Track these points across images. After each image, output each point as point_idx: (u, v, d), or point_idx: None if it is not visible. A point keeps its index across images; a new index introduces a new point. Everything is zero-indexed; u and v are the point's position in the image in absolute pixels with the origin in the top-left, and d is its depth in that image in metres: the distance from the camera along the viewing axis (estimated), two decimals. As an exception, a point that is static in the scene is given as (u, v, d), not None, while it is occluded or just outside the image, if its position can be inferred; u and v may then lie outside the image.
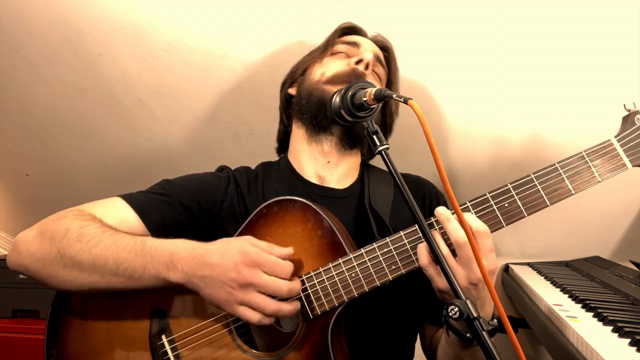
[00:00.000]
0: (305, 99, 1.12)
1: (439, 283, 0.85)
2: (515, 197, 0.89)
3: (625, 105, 0.93)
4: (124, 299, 0.96)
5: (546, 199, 0.89)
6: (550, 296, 1.14)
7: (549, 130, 1.46)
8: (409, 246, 0.89)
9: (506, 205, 0.89)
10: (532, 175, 0.90)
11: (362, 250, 0.91)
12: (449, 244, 0.85)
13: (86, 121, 1.72)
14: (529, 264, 1.68)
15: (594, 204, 1.57)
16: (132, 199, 1.02)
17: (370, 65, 1.10)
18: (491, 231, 0.87)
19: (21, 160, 1.93)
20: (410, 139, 1.48)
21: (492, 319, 0.88)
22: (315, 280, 0.91)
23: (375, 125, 0.84)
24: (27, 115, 1.75)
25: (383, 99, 0.82)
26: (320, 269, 0.91)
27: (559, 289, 1.23)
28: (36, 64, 1.57)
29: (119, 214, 1.00)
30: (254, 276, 0.82)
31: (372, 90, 0.84)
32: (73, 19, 1.44)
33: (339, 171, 1.13)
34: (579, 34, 1.28)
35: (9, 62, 1.58)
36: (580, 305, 1.05)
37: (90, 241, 0.89)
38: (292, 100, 1.19)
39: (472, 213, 0.89)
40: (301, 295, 0.89)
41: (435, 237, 0.84)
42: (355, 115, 0.89)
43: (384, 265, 0.90)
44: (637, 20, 1.24)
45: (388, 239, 0.90)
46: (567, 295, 1.15)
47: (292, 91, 1.20)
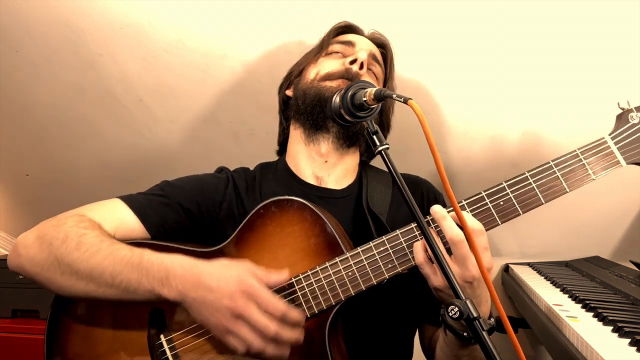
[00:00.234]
0: (301, 99, 1.12)
1: (434, 281, 0.85)
2: (511, 195, 0.90)
3: (619, 103, 0.94)
4: (122, 301, 0.96)
5: (541, 197, 0.90)
6: (550, 296, 1.14)
7: (549, 130, 1.46)
8: (405, 245, 0.90)
9: (501, 203, 0.90)
10: (527, 174, 0.91)
11: (359, 249, 0.91)
12: (444, 242, 0.85)
13: (86, 121, 1.72)
14: (529, 264, 1.68)
15: (594, 204, 1.57)
16: (132, 201, 1.02)
17: (365, 64, 1.09)
18: (487, 229, 0.88)
19: (21, 160, 1.93)
20: (410, 139, 1.48)
21: (489, 318, 0.88)
22: (312, 279, 0.91)
23: (375, 125, 0.84)
24: (27, 115, 1.75)
25: (383, 99, 0.82)
26: (317, 268, 0.91)
27: (559, 289, 1.23)
28: (36, 64, 1.57)
29: (118, 215, 1.00)
30: (247, 309, 0.81)
31: (372, 90, 0.83)
32: (73, 19, 1.44)
33: (337, 171, 1.13)
34: (579, 34, 1.28)
35: (9, 62, 1.58)
36: (580, 305, 1.04)
37: (88, 250, 0.89)
38: (289, 102, 1.19)
39: (468, 211, 0.89)
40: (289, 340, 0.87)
41: (432, 236, 0.84)
42: (355, 115, 0.89)
43: (381, 263, 0.90)
44: (637, 20, 1.24)
45: (384, 238, 0.91)
46: (567, 295, 1.15)
47: (289, 93, 1.20)
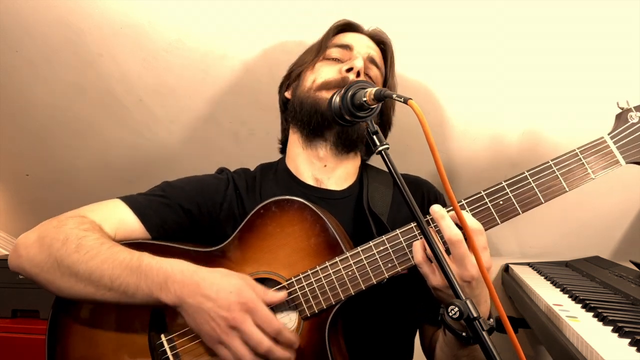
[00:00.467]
0: (298, 107, 1.12)
1: (433, 281, 0.85)
2: (510, 195, 0.90)
3: (619, 103, 0.94)
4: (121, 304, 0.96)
5: (540, 196, 0.90)
6: (550, 296, 1.14)
7: (549, 130, 1.46)
8: (405, 244, 0.90)
9: (501, 202, 0.90)
10: (526, 173, 0.91)
11: (359, 249, 0.91)
12: (443, 242, 0.85)
13: (86, 121, 1.72)
14: (529, 264, 1.68)
15: (594, 204, 1.57)
16: (132, 202, 1.03)
17: (361, 72, 1.09)
18: (486, 228, 0.88)
19: (21, 160, 1.93)
20: (410, 139, 1.48)
21: (489, 318, 0.88)
22: (312, 279, 0.91)
23: (375, 125, 0.84)
24: (27, 115, 1.75)
25: (383, 99, 0.82)
26: (317, 267, 0.92)
27: (559, 289, 1.23)
28: (36, 64, 1.57)
29: (119, 216, 1.00)
30: (243, 322, 0.82)
31: (372, 90, 0.83)
32: (73, 19, 1.44)
33: (337, 174, 1.13)
34: (579, 34, 1.28)
35: (9, 62, 1.58)
36: (580, 305, 1.05)
37: (88, 253, 0.90)
38: (288, 104, 1.19)
39: (467, 211, 0.89)
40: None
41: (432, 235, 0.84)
42: (355, 115, 0.89)
43: (380, 263, 0.90)
44: (637, 20, 1.24)
45: (384, 237, 0.91)
46: (567, 295, 1.15)
47: (288, 95, 1.20)
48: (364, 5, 1.30)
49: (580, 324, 0.90)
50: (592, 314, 0.97)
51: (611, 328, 0.87)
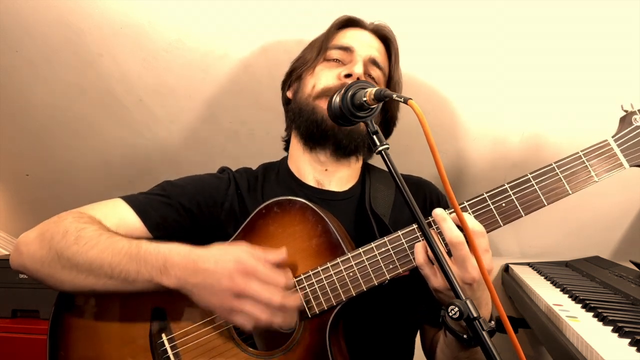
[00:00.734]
0: (297, 113, 1.12)
1: (434, 282, 0.85)
2: (513, 197, 0.89)
3: (623, 106, 0.93)
4: (125, 298, 0.96)
5: (543, 199, 0.89)
6: (550, 296, 1.14)
7: (549, 130, 1.46)
8: (406, 245, 0.90)
9: (503, 205, 0.89)
10: (529, 175, 0.90)
11: (360, 250, 0.91)
12: (445, 244, 0.85)
13: (86, 121, 1.72)
14: (529, 264, 1.68)
15: (594, 204, 1.57)
16: (133, 200, 1.03)
17: (360, 77, 1.06)
18: (488, 231, 0.87)
19: (21, 160, 1.93)
20: (410, 139, 1.48)
21: (490, 320, 0.88)
22: (313, 280, 0.91)
23: (375, 125, 0.83)
24: (27, 115, 1.75)
25: (383, 99, 0.82)
26: (319, 269, 0.91)
27: (559, 289, 1.23)
28: (36, 64, 1.57)
29: (119, 214, 1.00)
30: (247, 285, 0.82)
31: (372, 90, 0.83)
32: (73, 19, 1.44)
33: (338, 176, 1.13)
34: (579, 34, 1.28)
35: (9, 62, 1.58)
36: (580, 305, 1.05)
37: (87, 244, 0.90)
38: (290, 106, 1.18)
39: (470, 213, 0.89)
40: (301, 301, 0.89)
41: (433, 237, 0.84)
42: (355, 115, 0.88)
43: (382, 264, 0.90)
44: (637, 20, 1.24)
45: (386, 239, 0.91)
46: (567, 295, 1.15)
47: (290, 95, 1.19)
48: (364, 5, 1.30)
49: (580, 324, 0.90)
50: (592, 314, 0.97)
51: (611, 328, 0.87)
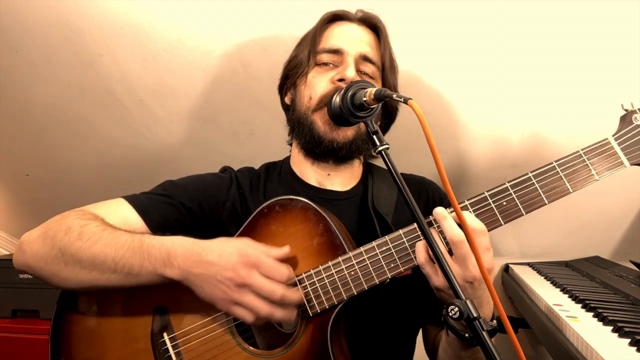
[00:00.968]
0: (297, 125, 1.10)
1: (435, 281, 0.85)
2: (514, 196, 0.90)
3: (623, 105, 0.94)
4: (126, 297, 0.97)
5: (544, 197, 0.90)
6: (550, 296, 1.14)
7: (549, 130, 1.46)
8: (407, 244, 0.90)
9: (504, 203, 0.89)
10: (530, 174, 0.90)
11: (362, 249, 0.91)
12: (446, 243, 0.85)
13: (86, 121, 1.72)
14: (529, 264, 1.68)
15: (594, 204, 1.57)
16: (135, 200, 1.03)
17: (353, 80, 1.03)
18: (489, 229, 0.87)
19: (21, 160, 1.93)
20: (410, 138, 1.48)
21: (492, 319, 0.88)
22: (315, 279, 0.91)
23: (375, 125, 0.84)
24: (27, 115, 1.75)
25: (383, 99, 0.82)
26: (320, 267, 0.92)
27: (559, 289, 1.23)
28: (36, 64, 1.57)
29: (121, 214, 1.01)
30: (250, 277, 0.83)
31: (372, 90, 0.83)
32: (73, 19, 1.44)
33: (340, 178, 1.13)
34: (579, 34, 1.28)
35: (9, 62, 1.58)
36: (580, 305, 1.05)
37: (90, 239, 0.90)
38: (289, 112, 1.17)
39: (471, 212, 0.89)
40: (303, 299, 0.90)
41: (433, 236, 0.84)
42: (356, 115, 0.89)
43: (383, 263, 0.90)
44: (637, 20, 1.24)
45: (387, 238, 0.91)
46: (567, 295, 1.15)
47: (288, 101, 1.18)
48: (364, 5, 1.30)
49: (580, 324, 0.90)
50: (592, 314, 0.97)
51: (611, 328, 0.87)
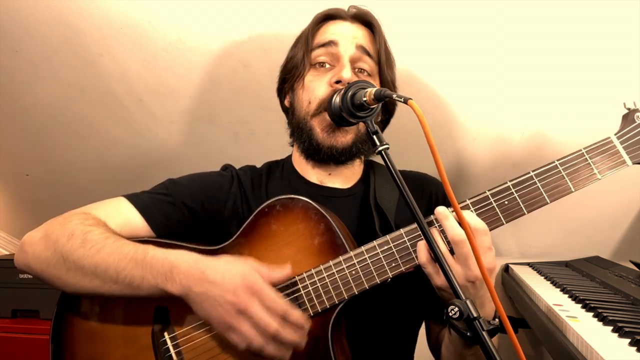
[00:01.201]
0: (297, 130, 1.09)
1: (437, 281, 0.85)
2: (515, 195, 0.89)
3: (625, 103, 0.93)
4: (128, 297, 0.96)
5: (546, 197, 0.89)
6: (550, 296, 1.14)
7: (549, 130, 1.46)
8: (409, 244, 0.90)
9: (506, 202, 0.89)
10: (532, 173, 0.90)
11: (363, 248, 0.91)
12: (448, 242, 0.85)
13: (86, 121, 1.72)
14: (529, 264, 1.68)
15: (594, 204, 1.57)
16: (136, 200, 1.03)
17: (350, 81, 1.01)
18: (491, 229, 0.87)
19: (21, 160, 1.93)
20: (410, 138, 1.48)
21: (494, 318, 0.88)
22: (315, 278, 0.91)
23: (375, 125, 0.84)
24: (27, 115, 1.75)
25: (383, 99, 0.82)
26: (321, 267, 0.92)
27: (559, 289, 1.23)
28: (36, 64, 1.57)
29: (123, 214, 1.01)
30: (250, 305, 0.82)
31: (372, 90, 0.84)
32: (73, 19, 1.44)
33: (342, 177, 1.13)
34: (579, 34, 1.28)
35: (9, 62, 1.58)
36: (580, 305, 1.05)
37: (93, 247, 0.90)
38: (288, 115, 1.16)
39: (472, 211, 0.89)
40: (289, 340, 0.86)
41: (434, 235, 0.84)
42: (355, 115, 0.89)
43: (384, 262, 0.90)
44: (637, 20, 1.24)
45: (388, 237, 0.91)
46: (567, 295, 1.15)
47: (287, 104, 1.16)
48: (364, 5, 1.30)
49: (580, 324, 0.90)
50: (592, 314, 0.97)
51: (611, 328, 0.87)
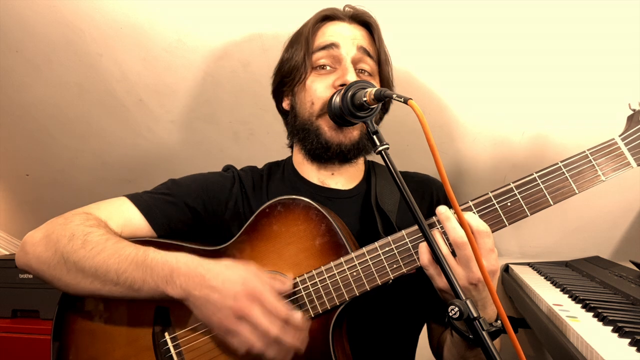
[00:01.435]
0: (301, 131, 1.08)
1: (439, 282, 0.85)
2: (518, 197, 0.89)
3: (630, 104, 0.92)
4: (128, 299, 0.96)
5: (549, 199, 0.89)
6: (550, 296, 1.14)
7: (549, 131, 1.46)
8: (410, 245, 0.89)
9: (509, 204, 0.89)
10: (535, 175, 0.89)
11: (364, 250, 0.91)
12: (450, 244, 0.84)
13: (86, 121, 1.72)
14: (529, 264, 1.69)
15: (594, 204, 1.57)
16: (138, 200, 1.03)
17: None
18: (493, 230, 0.86)
19: (21, 160, 1.93)
20: (410, 138, 1.48)
21: (496, 320, 0.87)
22: (317, 279, 0.91)
23: (375, 125, 0.84)
24: (27, 115, 1.75)
25: (383, 99, 0.82)
26: (322, 268, 0.91)
27: (559, 289, 1.23)
28: (36, 64, 1.57)
29: (124, 214, 1.01)
30: (250, 310, 0.81)
31: (372, 90, 0.84)
32: (73, 19, 1.44)
33: (343, 177, 1.13)
34: (580, 34, 1.28)
35: (9, 62, 1.58)
36: (580, 305, 1.05)
37: (94, 249, 0.90)
38: (287, 118, 1.15)
39: (474, 212, 0.88)
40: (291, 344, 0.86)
41: (435, 237, 0.84)
42: (356, 115, 0.89)
43: (386, 264, 0.90)
44: (637, 20, 1.24)
45: (390, 238, 0.90)
46: (567, 295, 1.15)
47: (286, 106, 1.15)
48: (364, 5, 1.30)
49: (581, 324, 0.90)
50: (592, 314, 0.97)
51: (611, 328, 0.87)
